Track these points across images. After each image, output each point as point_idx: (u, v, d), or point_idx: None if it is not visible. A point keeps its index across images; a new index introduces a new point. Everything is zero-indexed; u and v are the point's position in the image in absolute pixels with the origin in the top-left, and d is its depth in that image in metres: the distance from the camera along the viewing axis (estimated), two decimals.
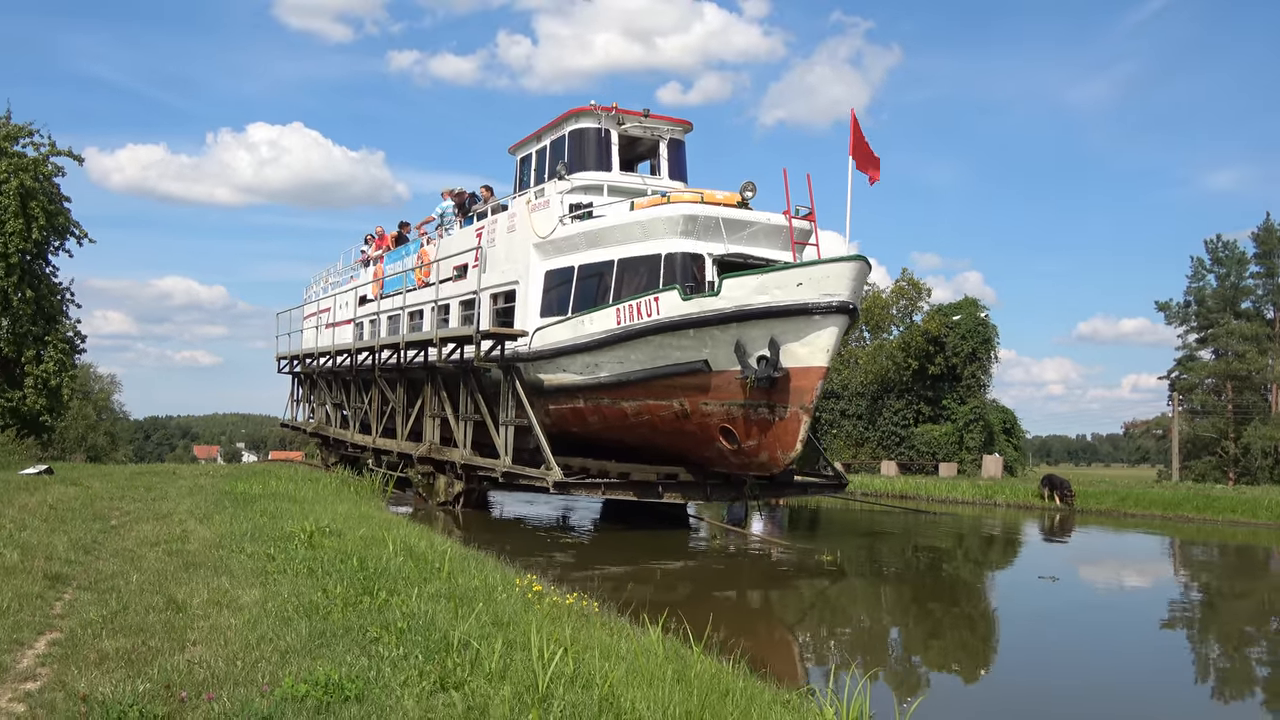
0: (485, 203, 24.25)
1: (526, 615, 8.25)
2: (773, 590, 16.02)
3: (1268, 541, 23.50)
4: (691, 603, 13.45)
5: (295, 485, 19.69)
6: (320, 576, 9.27)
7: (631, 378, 19.36)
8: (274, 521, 13.17)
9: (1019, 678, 11.33)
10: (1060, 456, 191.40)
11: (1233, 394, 58.57)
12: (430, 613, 7.92)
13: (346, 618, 7.68)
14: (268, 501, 15.91)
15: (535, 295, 21.36)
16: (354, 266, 32.64)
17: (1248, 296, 60.65)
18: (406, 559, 10.55)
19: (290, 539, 11.46)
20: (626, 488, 19.69)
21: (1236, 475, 57.15)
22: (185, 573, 9.43)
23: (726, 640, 8.97)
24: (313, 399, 34.16)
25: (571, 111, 22.16)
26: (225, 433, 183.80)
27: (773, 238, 19.47)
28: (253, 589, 8.68)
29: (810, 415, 17.72)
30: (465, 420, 22.36)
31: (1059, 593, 16.28)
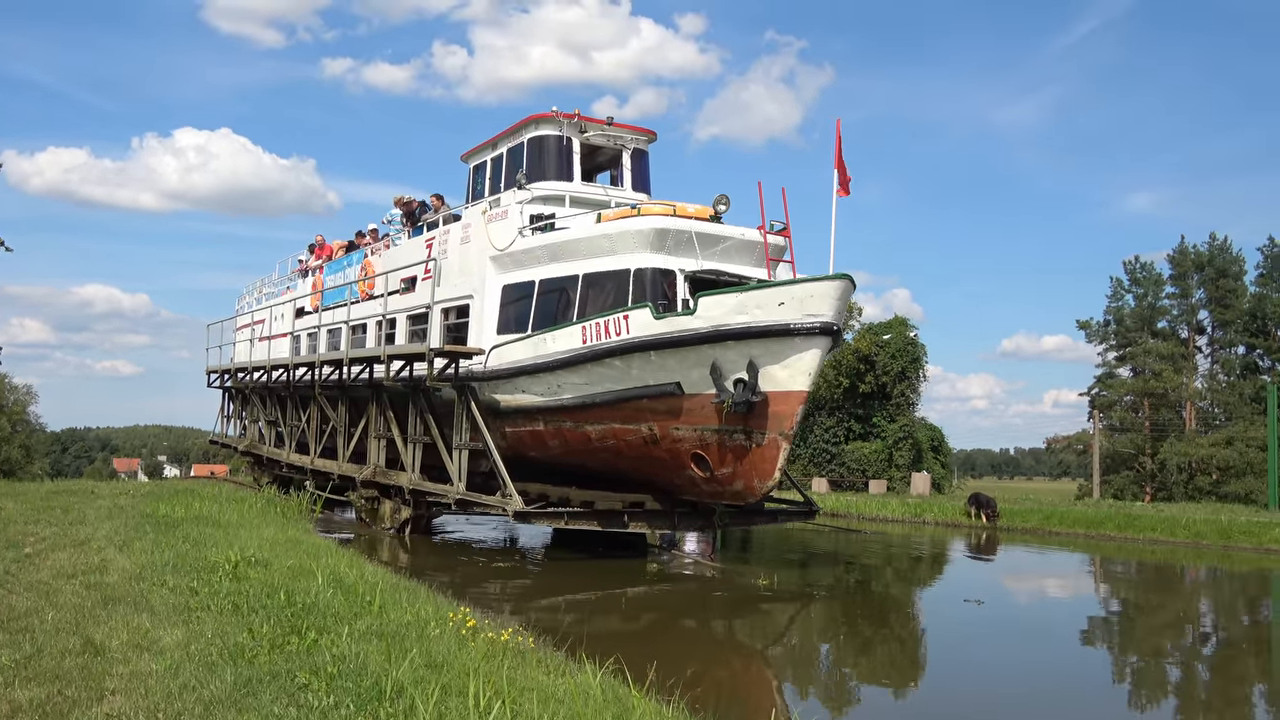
0: (436, 212, 22.51)
1: (462, 654, 7.77)
2: (714, 619, 14.99)
3: (1184, 560, 24.07)
4: (631, 634, 13.25)
5: (219, 507, 18.43)
6: (245, 614, 8.65)
7: (597, 400, 17.79)
8: (197, 549, 12.32)
9: (954, 689, 11.70)
10: (984, 470, 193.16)
11: (1150, 411, 58.57)
12: (361, 655, 7.34)
13: (273, 661, 7.10)
14: (191, 526, 14.94)
15: (491, 311, 19.69)
16: (291, 277, 30.58)
17: (1164, 316, 60.85)
18: (336, 592, 9.92)
19: (214, 570, 10.72)
20: (590, 517, 18.11)
21: (1153, 490, 57.15)
22: (104, 609, 8.73)
23: (666, 677, 8.42)
24: (244, 415, 31.90)
25: (531, 118, 20.55)
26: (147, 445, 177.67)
27: (746, 254, 18.07)
28: (175, 629, 8.05)
29: (790, 442, 16.30)
30: (414, 442, 20.59)
31: (985, 611, 16.33)
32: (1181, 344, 60.01)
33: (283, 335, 29.06)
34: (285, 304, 29.59)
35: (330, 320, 25.58)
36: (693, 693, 8.42)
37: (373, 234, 25.98)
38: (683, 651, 12.27)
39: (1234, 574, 22.45)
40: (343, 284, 25.69)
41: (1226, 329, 58.80)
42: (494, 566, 18.85)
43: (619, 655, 8.57)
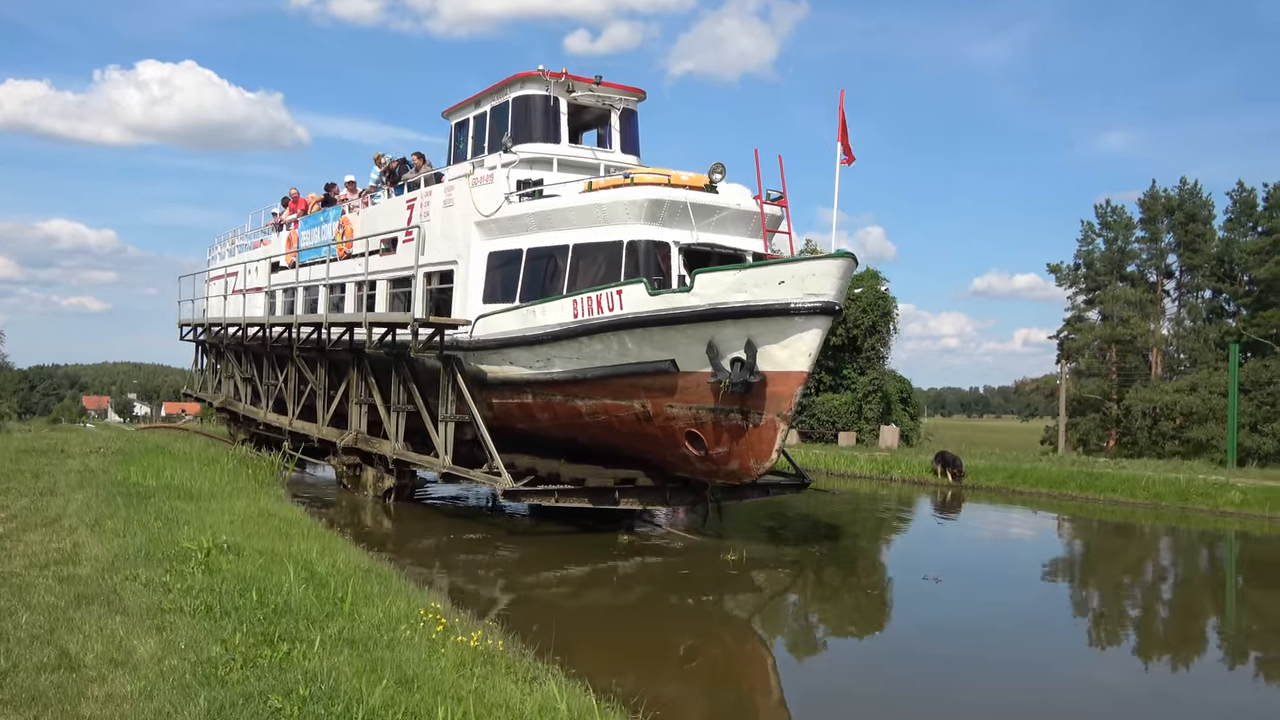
0: (417, 171, 21.53)
1: (432, 663, 7.67)
2: (685, 596, 14.71)
3: (1143, 519, 24.78)
4: (593, 620, 13.17)
5: (191, 472, 17.72)
6: (218, 617, 8.42)
7: (588, 375, 17.08)
8: (169, 530, 11.90)
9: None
10: (954, 409, 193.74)
11: (1117, 357, 58.54)
12: (334, 673, 7.11)
13: (246, 680, 6.92)
14: (162, 499, 14.35)
15: (477, 278, 18.86)
16: (265, 229, 29.43)
17: (1133, 260, 60.72)
18: (307, 587, 9.67)
19: (186, 559, 10.36)
20: (582, 494, 17.46)
21: (1118, 434, 57.38)
22: (78, 610, 8.47)
23: (636, 681, 8.95)
24: (219, 370, 30.89)
25: (516, 76, 19.53)
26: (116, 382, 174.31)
27: (741, 224, 17.32)
28: (148, 637, 7.83)
29: (789, 424, 15.70)
30: (397, 411, 19.80)
31: (953, 578, 16.58)
32: (1150, 288, 59.88)
33: (256, 290, 28.06)
34: (259, 258, 28.52)
35: (307, 277, 24.61)
36: (654, 694, 8.62)
37: (350, 186, 24.92)
38: (643, 643, 12.14)
39: (1189, 532, 23.02)
40: (320, 241, 24.69)
41: (1194, 273, 58.74)
42: (473, 537, 18.22)
43: (586, 652, 9.29)
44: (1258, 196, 57.28)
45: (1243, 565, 19.99)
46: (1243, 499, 24.81)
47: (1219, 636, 14.04)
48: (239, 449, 24.76)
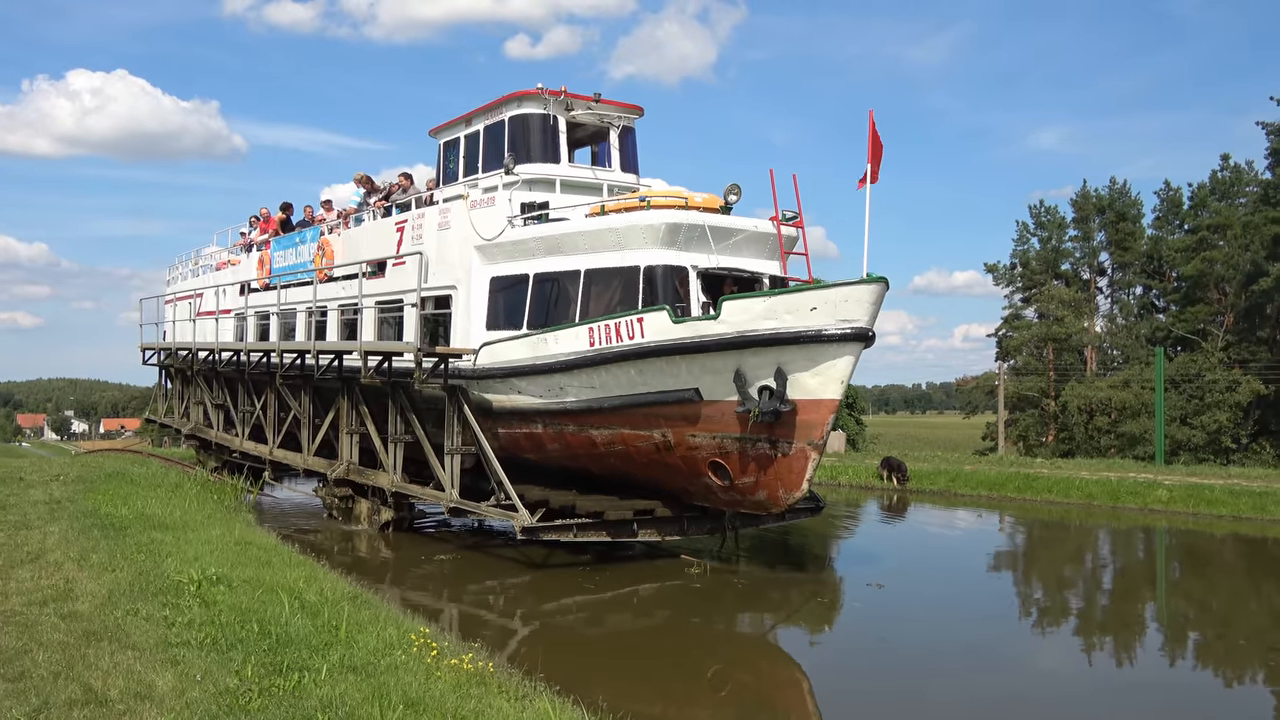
0: (404, 192, 20.37)
1: (431, 685, 7.91)
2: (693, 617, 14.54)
3: (1077, 518, 25.79)
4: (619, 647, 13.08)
5: (160, 500, 17.64)
6: (225, 649, 8.51)
7: (604, 404, 16.15)
8: (155, 562, 11.92)
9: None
10: (898, 405, 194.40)
11: (1053, 355, 58.90)
12: (345, 698, 7.37)
13: (266, 709, 7.08)
14: (140, 530, 14.34)
15: (479, 305, 17.81)
16: (232, 249, 27.91)
17: (1067, 259, 61.10)
18: (302, 616, 9.85)
19: (180, 592, 10.48)
20: (600, 528, 16.50)
21: (1056, 430, 57.71)
22: (89, 647, 8.44)
23: (616, 694, 9.32)
24: (186, 395, 29.22)
25: (513, 95, 18.50)
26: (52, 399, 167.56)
27: (759, 246, 16.52)
28: (165, 671, 7.86)
29: (820, 453, 14.92)
30: (396, 442, 18.64)
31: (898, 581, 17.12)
32: (1084, 286, 60.37)
33: (224, 312, 26.54)
34: (227, 278, 27.00)
35: (283, 300, 23.25)
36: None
37: (326, 206, 23.64)
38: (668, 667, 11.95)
39: (1120, 530, 24.39)
40: (295, 263, 23.37)
41: (1126, 271, 59.33)
42: (476, 562, 17.72)
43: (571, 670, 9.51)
44: (1183, 195, 58.15)
45: (1171, 558, 21.18)
46: (1169, 497, 25.85)
47: (1155, 624, 15.16)
48: (200, 473, 23.95)
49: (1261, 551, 21.65)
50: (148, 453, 35.56)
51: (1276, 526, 23.38)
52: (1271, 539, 22.45)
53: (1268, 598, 17.16)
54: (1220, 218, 54.34)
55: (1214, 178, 56.92)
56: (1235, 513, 24.52)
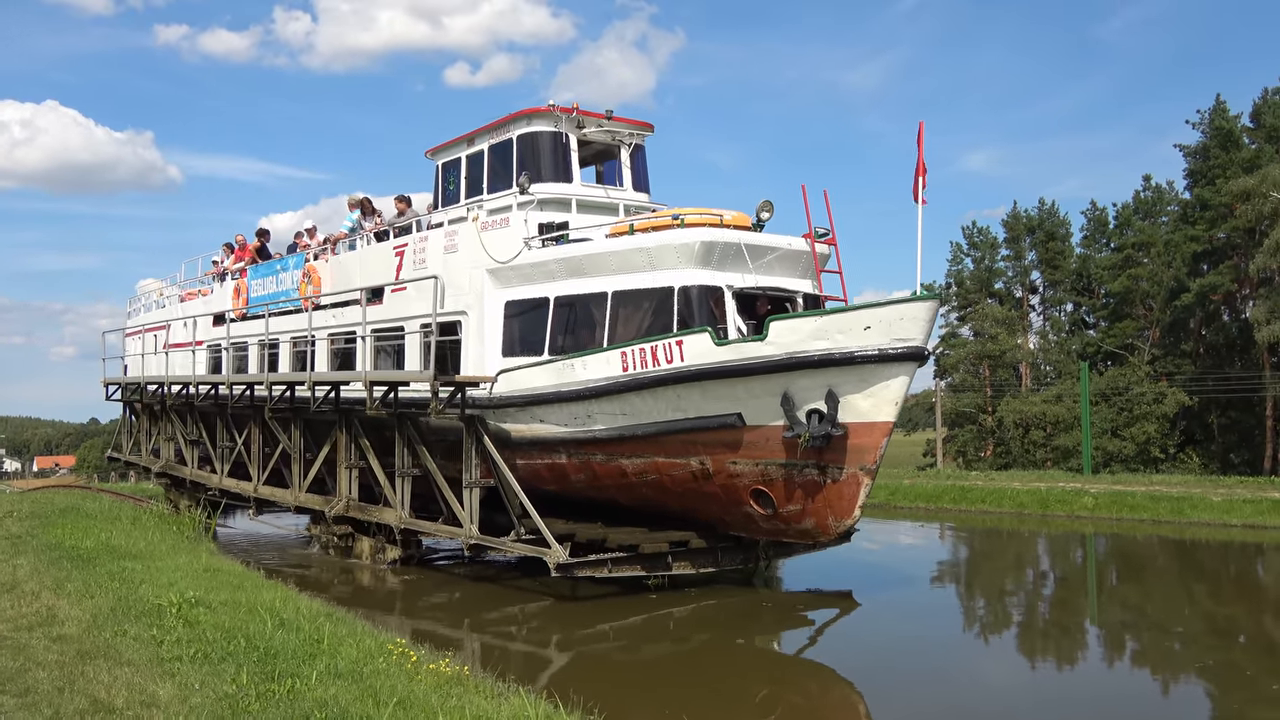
0: (401, 215, 19.01)
1: (414, 687, 8.13)
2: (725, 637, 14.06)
3: (1009, 525, 26.85)
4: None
5: (123, 532, 17.04)
6: (217, 662, 8.56)
7: (637, 432, 15.00)
8: (130, 589, 11.70)
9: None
10: None
11: (989, 372, 59.00)
12: (338, 699, 7.51)
13: (266, 711, 7.21)
14: (108, 560, 14.01)
15: (493, 330, 16.56)
16: (202, 279, 26.09)
17: (1000, 278, 61.45)
18: (284, 631, 9.84)
19: (162, 614, 10.37)
20: (634, 562, 15.33)
21: (994, 445, 57.74)
22: (86, 665, 8.34)
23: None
24: (155, 432, 27.20)
25: (522, 112, 17.33)
26: None
27: (793, 265, 15.55)
28: (164, 682, 7.87)
29: (873, 478, 13.93)
30: (404, 476, 17.22)
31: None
32: (1016, 304, 60.68)
33: (194, 344, 24.75)
34: (200, 311, 25.16)
35: (262, 331, 21.62)
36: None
37: (310, 233, 22.11)
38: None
39: (1049, 535, 25.57)
40: (276, 290, 21.79)
41: (1056, 288, 59.76)
42: (488, 590, 16.87)
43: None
44: (1109, 215, 58.81)
45: (1097, 559, 22.44)
46: (1094, 504, 27.24)
47: (1084, 618, 15.92)
48: (157, 506, 22.70)
49: (1181, 551, 22.93)
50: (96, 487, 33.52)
51: (1192, 528, 24.74)
52: (1188, 539, 23.83)
53: (1195, 597, 17.71)
54: (1144, 236, 55.07)
55: (1137, 197, 57.77)
56: (1155, 516, 25.83)
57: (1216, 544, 23.03)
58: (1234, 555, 21.94)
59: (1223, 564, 21.32)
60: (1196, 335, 53.90)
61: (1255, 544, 22.59)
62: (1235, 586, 18.82)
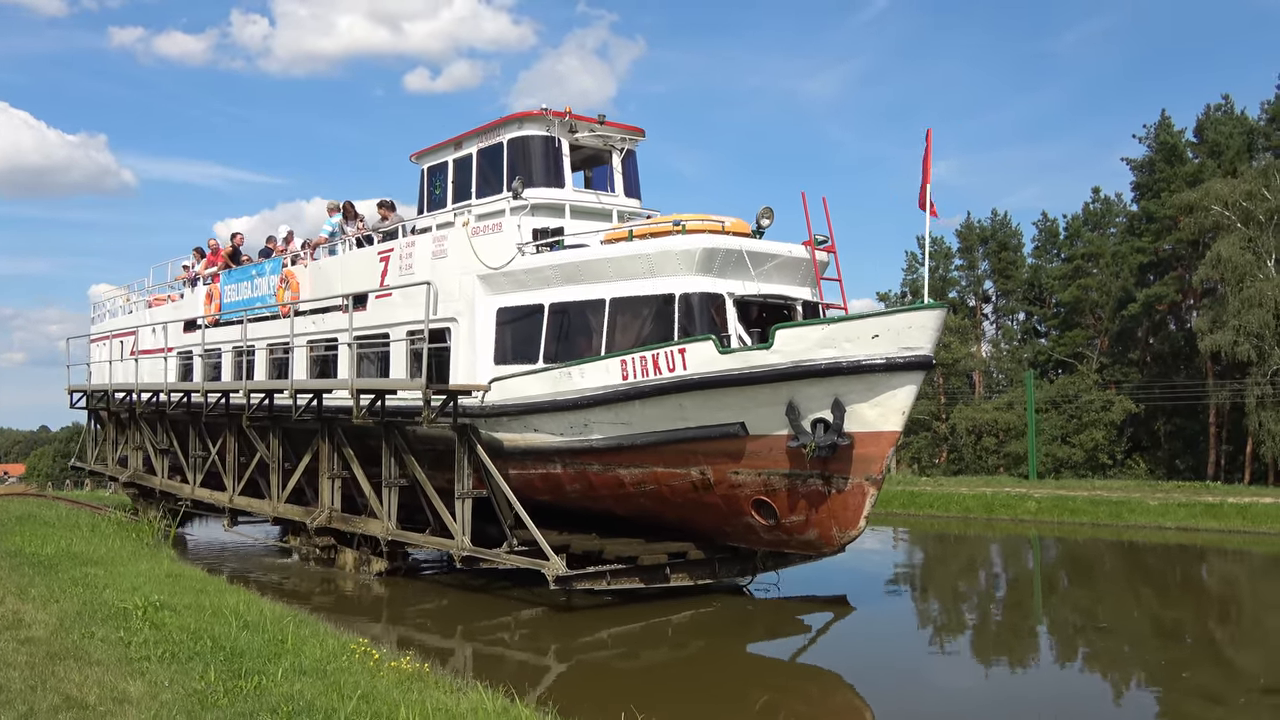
0: (384, 221, 18.37)
1: (376, 683, 8.27)
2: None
3: (956, 529, 27.57)
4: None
5: (81, 538, 16.76)
6: (184, 661, 8.56)
7: (636, 441, 14.51)
8: (95, 594, 11.61)
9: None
10: None
11: (943, 379, 59.18)
12: (304, 694, 7.61)
13: (235, 704, 7.25)
14: (70, 566, 13.76)
15: (485, 338, 15.99)
16: (172, 284, 25.16)
17: (954, 287, 61.59)
18: (249, 633, 9.85)
19: (128, 616, 10.28)
20: (633, 574, 14.85)
21: (947, 451, 57.97)
22: (57, 665, 8.28)
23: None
24: (121, 441, 26.16)
25: (514, 115, 16.79)
26: None
27: (792, 272, 15.17)
28: (134, 680, 7.86)
29: (879, 488, 13.58)
30: (391, 486, 16.58)
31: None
32: (970, 313, 60.95)
33: (162, 350, 23.84)
34: (169, 317, 24.21)
35: (237, 337, 20.85)
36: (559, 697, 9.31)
37: (287, 239, 21.36)
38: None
39: (994, 538, 26.25)
40: (251, 296, 21.02)
41: (1009, 298, 60.12)
42: (477, 599, 16.34)
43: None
44: (1059, 226, 59.30)
45: (1046, 563, 22.96)
46: (1038, 507, 28.15)
47: (1035, 621, 16.16)
48: (114, 514, 22.02)
49: (1122, 553, 23.50)
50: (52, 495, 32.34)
51: (1130, 530, 25.71)
52: (1126, 541, 24.59)
53: (1142, 599, 18.05)
54: (1093, 247, 55.58)
55: (1086, 209, 58.32)
56: (1094, 519, 26.71)
57: (1153, 545, 23.83)
58: (1172, 557, 22.54)
59: (1165, 566, 21.81)
60: (1143, 344, 54.46)
61: (1190, 545, 23.47)
62: (1179, 589, 19.10)
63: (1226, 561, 22.01)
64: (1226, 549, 23.12)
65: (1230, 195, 42.53)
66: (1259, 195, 42.07)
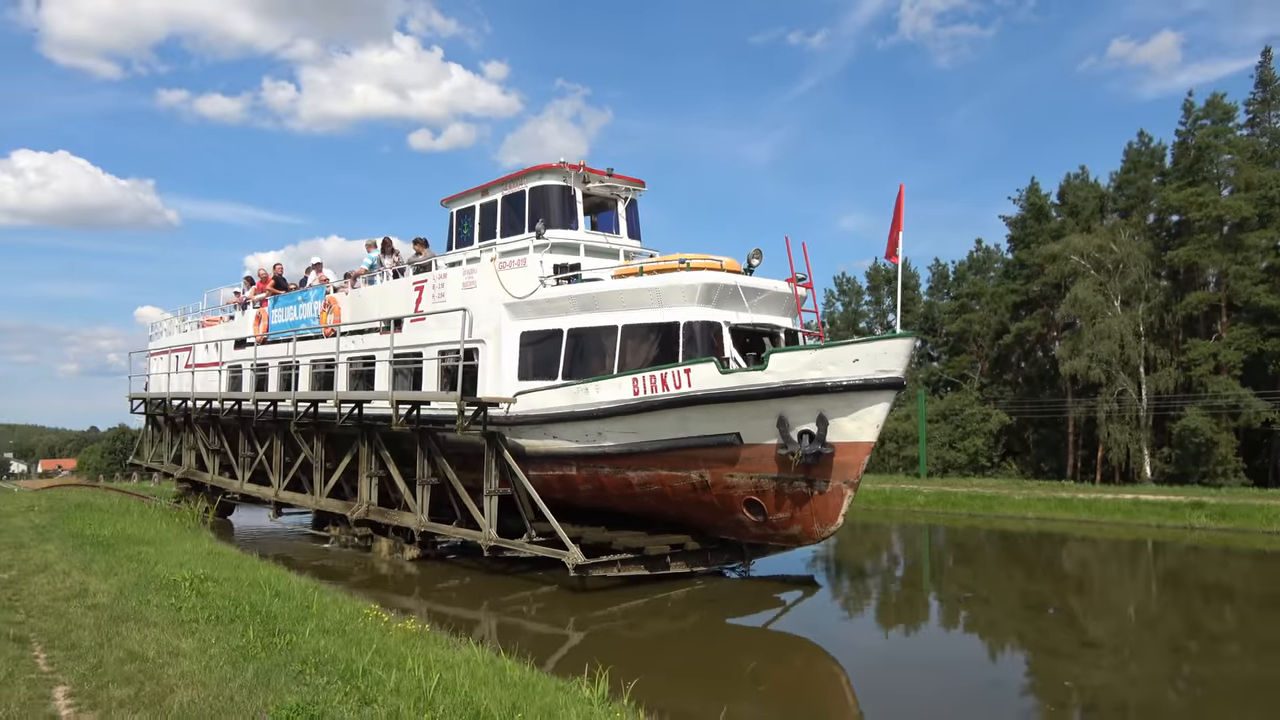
0: (419, 255, 17.54)
1: (386, 639, 8.31)
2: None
3: (860, 518, 27.09)
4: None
5: (133, 523, 16.19)
6: (228, 623, 8.47)
7: (644, 448, 13.85)
8: (148, 568, 11.31)
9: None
10: None
11: None
12: (329, 648, 7.66)
13: (271, 656, 7.25)
14: (125, 545, 13.36)
15: (510, 357, 15.21)
16: (224, 307, 23.98)
17: (863, 319, 61.62)
18: (280, 600, 9.74)
19: (178, 587, 10.05)
20: (640, 562, 14.16)
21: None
22: (119, 626, 8.17)
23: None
24: (176, 442, 24.82)
25: (536, 168, 16.09)
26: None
27: (777, 304, 14.63)
28: (186, 638, 7.79)
29: (855, 490, 13.03)
30: (424, 484, 15.71)
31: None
32: None
33: (213, 364, 22.70)
34: (221, 336, 23.04)
35: (282, 353, 19.83)
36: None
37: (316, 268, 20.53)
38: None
39: (892, 525, 26.13)
40: (296, 319, 20.01)
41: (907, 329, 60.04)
42: (497, 578, 15.27)
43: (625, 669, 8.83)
44: (949, 270, 59.56)
45: (936, 547, 22.64)
46: (925, 501, 28.76)
47: (928, 593, 16.02)
48: (159, 502, 20.88)
49: (995, 539, 23.46)
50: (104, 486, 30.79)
51: (999, 520, 26.02)
52: (996, 530, 24.77)
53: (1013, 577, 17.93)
54: (975, 288, 55.83)
55: (971, 256, 58.62)
56: (971, 511, 27.32)
57: (1018, 532, 24.10)
58: (1032, 542, 22.76)
59: (1029, 549, 21.86)
60: (1016, 368, 54.78)
61: (1047, 532, 23.87)
62: (1042, 568, 19.12)
63: (1077, 545, 21.94)
64: (1075, 535, 23.38)
65: (1085, 247, 43.16)
66: (1108, 248, 42.80)
